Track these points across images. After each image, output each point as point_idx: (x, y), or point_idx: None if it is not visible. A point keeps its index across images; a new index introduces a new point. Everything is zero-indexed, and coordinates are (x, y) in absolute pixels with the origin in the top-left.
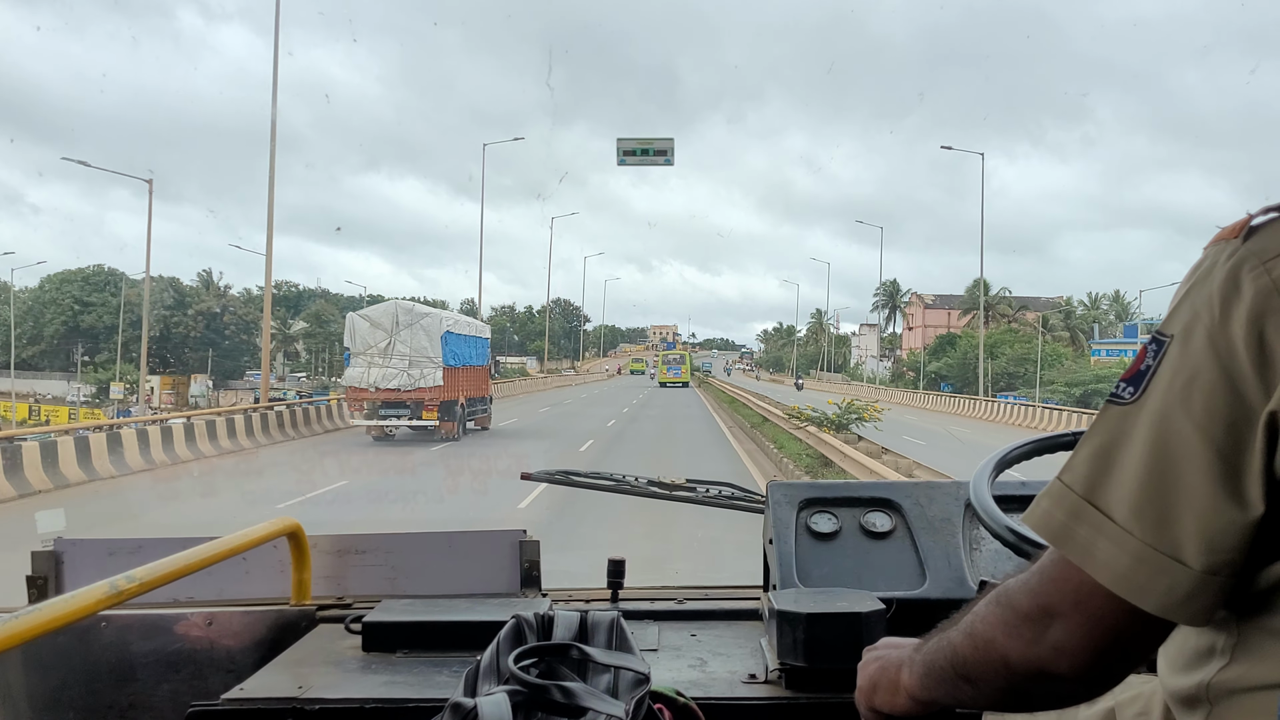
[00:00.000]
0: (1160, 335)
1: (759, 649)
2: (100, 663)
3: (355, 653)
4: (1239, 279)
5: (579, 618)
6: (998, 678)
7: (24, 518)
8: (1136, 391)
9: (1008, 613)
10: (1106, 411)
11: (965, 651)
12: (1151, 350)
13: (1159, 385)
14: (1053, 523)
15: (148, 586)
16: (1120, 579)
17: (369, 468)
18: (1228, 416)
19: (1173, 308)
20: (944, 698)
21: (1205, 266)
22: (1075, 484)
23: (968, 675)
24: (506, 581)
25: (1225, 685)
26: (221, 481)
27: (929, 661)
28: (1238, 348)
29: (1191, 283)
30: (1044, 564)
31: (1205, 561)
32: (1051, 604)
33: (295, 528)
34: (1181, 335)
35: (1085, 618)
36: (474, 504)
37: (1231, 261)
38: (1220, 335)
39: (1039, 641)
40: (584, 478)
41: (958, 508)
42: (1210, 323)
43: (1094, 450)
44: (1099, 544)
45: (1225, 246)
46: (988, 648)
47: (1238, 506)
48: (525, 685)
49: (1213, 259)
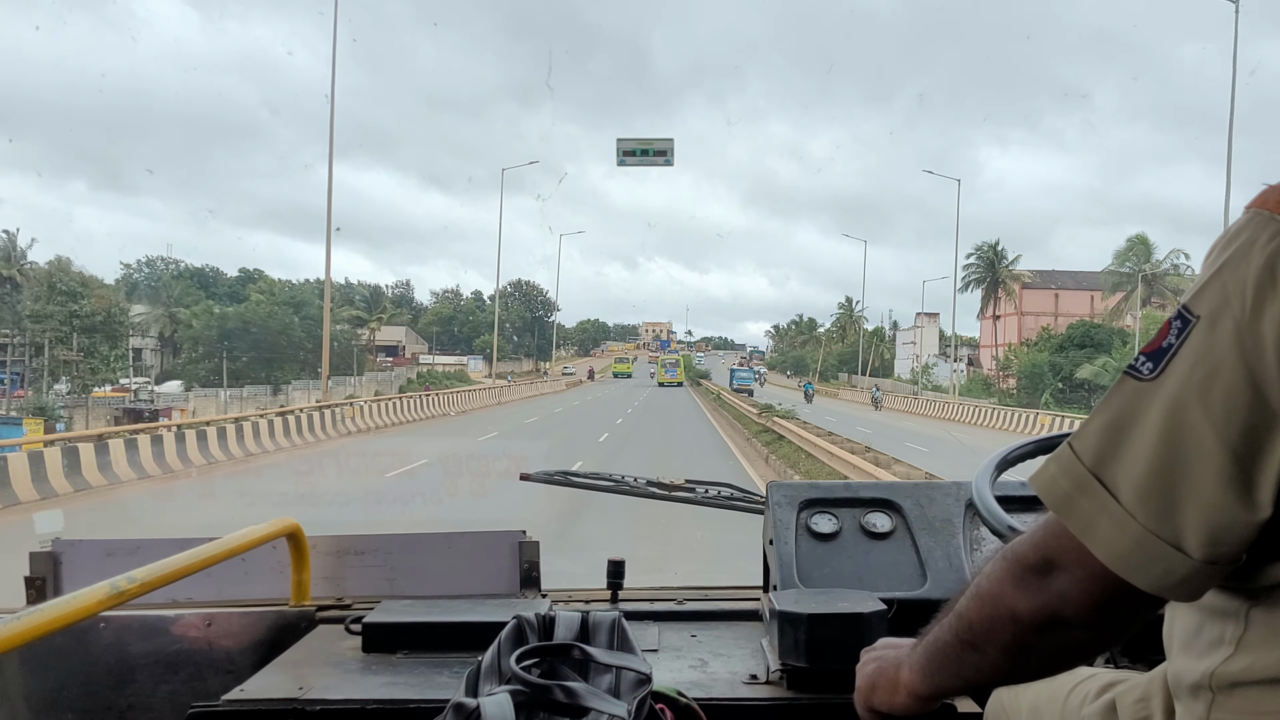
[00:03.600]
0: (1187, 312)
1: (760, 650)
2: (99, 664)
3: (355, 653)
4: (1276, 270)
5: (580, 618)
6: (1005, 633)
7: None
8: (1155, 369)
9: (1014, 566)
10: (1123, 384)
11: (972, 613)
12: (1176, 327)
13: (1178, 369)
14: (1058, 491)
15: (149, 587)
16: (1118, 558)
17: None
18: (1246, 419)
19: (1204, 280)
20: (946, 680)
21: (1244, 240)
22: (1084, 454)
23: (973, 640)
24: (506, 582)
25: (1229, 676)
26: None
27: (929, 646)
28: (1266, 349)
29: (1227, 255)
30: (1049, 519)
31: (1206, 553)
32: (1054, 557)
33: (294, 528)
34: (1209, 320)
35: (1087, 573)
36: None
37: (1272, 246)
38: (1249, 332)
39: (1045, 589)
40: (583, 478)
41: (958, 508)
42: (1240, 315)
43: (1106, 422)
44: (1100, 522)
45: (1267, 223)
46: (995, 602)
47: (1246, 507)
48: (527, 685)
49: (1252, 234)
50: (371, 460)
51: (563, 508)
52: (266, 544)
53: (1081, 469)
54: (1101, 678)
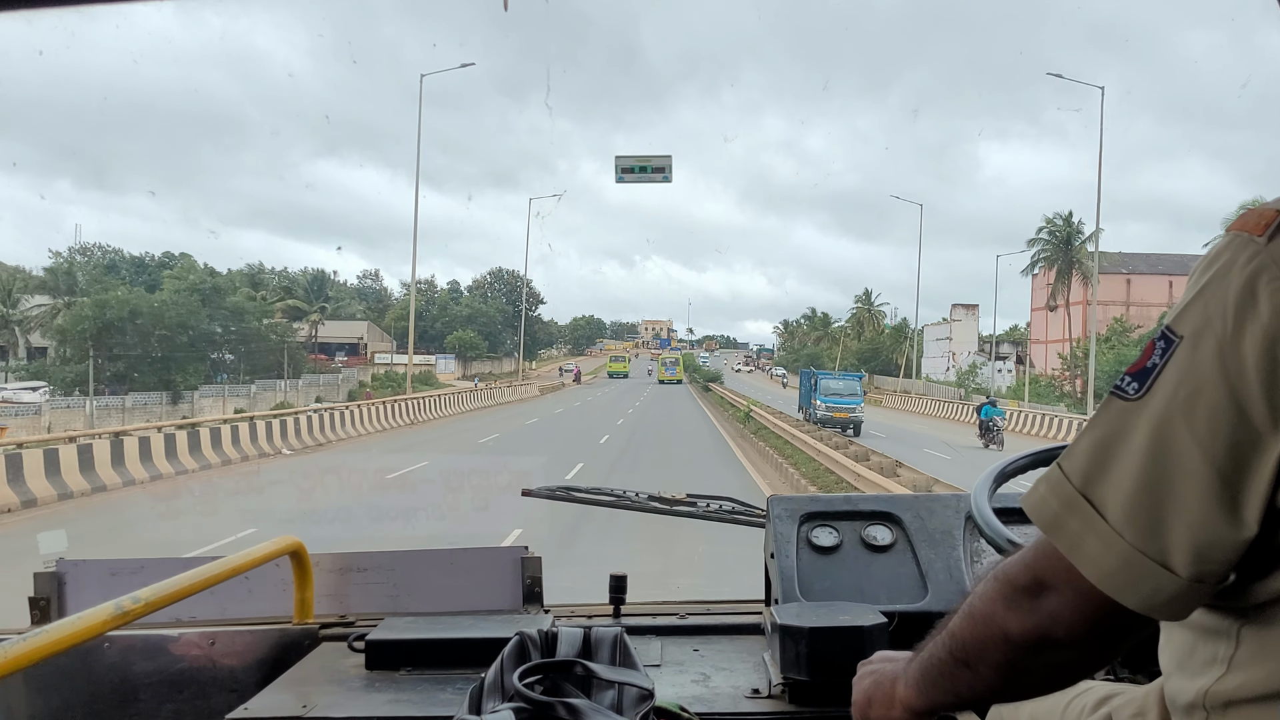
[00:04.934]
0: (1170, 333)
1: (762, 663)
2: (103, 683)
3: (359, 671)
4: (1256, 290)
5: (582, 634)
6: (997, 652)
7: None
8: (1141, 389)
9: (1005, 586)
10: (1110, 404)
11: (964, 632)
12: (1160, 348)
13: (1163, 388)
14: (1047, 511)
15: (153, 607)
16: (1106, 577)
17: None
18: (1230, 437)
19: (1186, 301)
20: (941, 696)
21: (1224, 262)
22: (1073, 474)
23: (966, 658)
24: (509, 598)
25: (1223, 695)
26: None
27: (924, 661)
28: (1247, 368)
29: (1208, 277)
30: (1040, 539)
31: (1193, 571)
32: (1045, 577)
33: (297, 546)
34: (1191, 339)
35: (1077, 593)
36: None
37: (1251, 267)
38: (1231, 351)
39: (1036, 610)
40: (585, 494)
41: (958, 520)
42: (1222, 334)
43: (1094, 442)
44: (1088, 540)
45: (1246, 244)
46: (988, 622)
47: (1232, 525)
48: (530, 702)
49: (1232, 255)
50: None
51: (565, 522)
52: (270, 562)
53: (1070, 488)
54: (1099, 690)
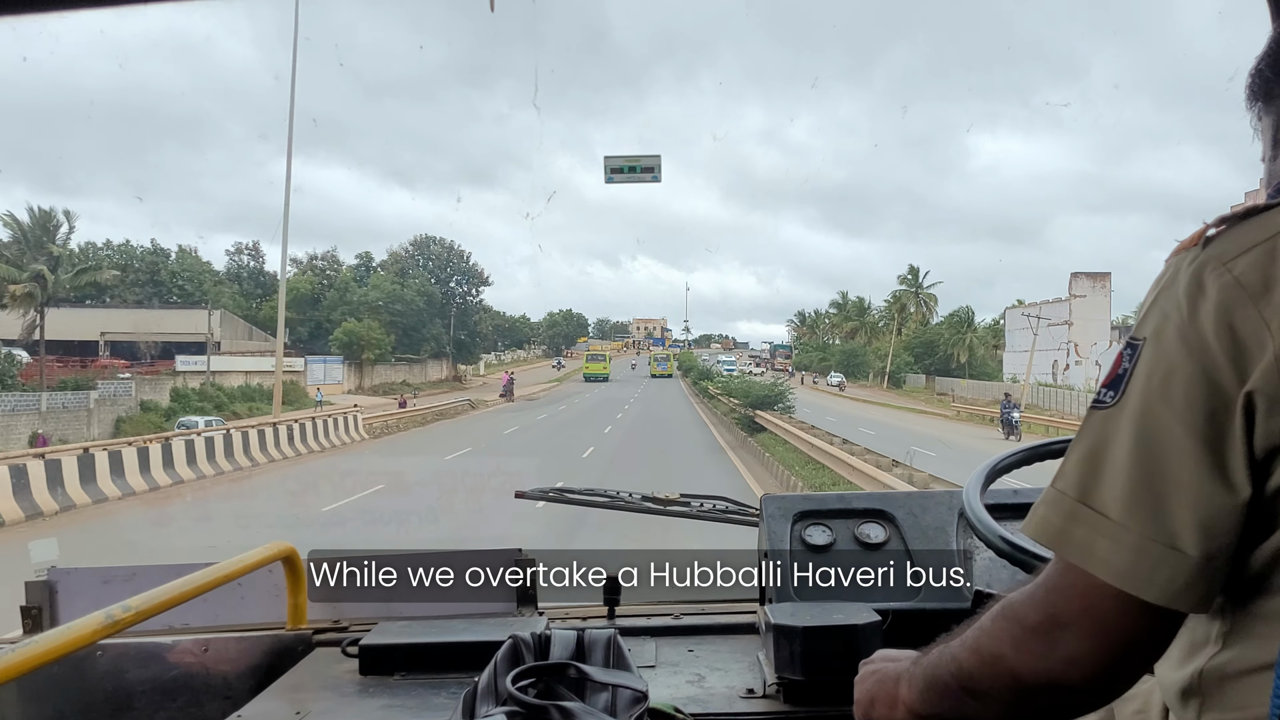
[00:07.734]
0: (1134, 340)
1: (756, 663)
2: (96, 692)
3: (353, 676)
4: (1203, 280)
5: (576, 636)
6: (1006, 692)
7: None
8: (1117, 394)
9: (1015, 627)
10: (1090, 417)
11: (971, 666)
12: (1126, 355)
13: (1138, 385)
14: (1050, 528)
15: (144, 615)
16: (1122, 574)
17: None
18: (1207, 404)
19: (1142, 315)
20: (946, 712)
21: (1169, 275)
22: (1068, 489)
23: (973, 690)
24: (504, 600)
25: (1217, 671)
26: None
27: (930, 675)
28: (1209, 340)
29: (1158, 291)
30: (1048, 574)
31: (1203, 548)
32: (1059, 614)
33: (290, 552)
34: (1154, 336)
35: (1094, 623)
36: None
37: (1194, 266)
38: (1191, 331)
39: (1050, 655)
40: (578, 495)
41: (951, 517)
42: (1180, 321)
43: (1083, 454)
44: (1098, 542)
45: (1186, 255)
46: (995, 663)
47: (1226, 490)
48: (523, 706)
49: (1175, 268)
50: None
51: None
52: (262, 568)
53: (1069, 501)
54: None
